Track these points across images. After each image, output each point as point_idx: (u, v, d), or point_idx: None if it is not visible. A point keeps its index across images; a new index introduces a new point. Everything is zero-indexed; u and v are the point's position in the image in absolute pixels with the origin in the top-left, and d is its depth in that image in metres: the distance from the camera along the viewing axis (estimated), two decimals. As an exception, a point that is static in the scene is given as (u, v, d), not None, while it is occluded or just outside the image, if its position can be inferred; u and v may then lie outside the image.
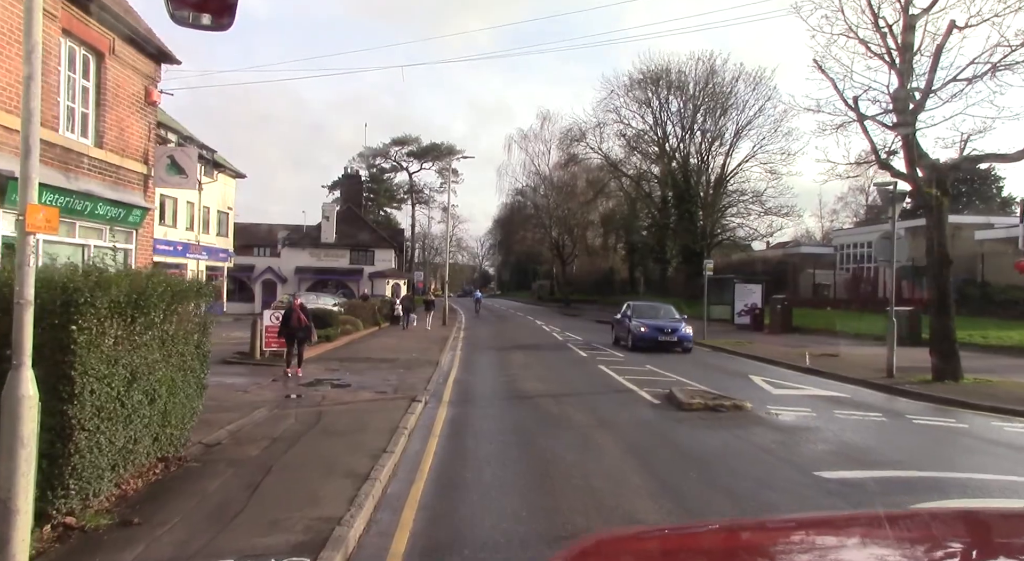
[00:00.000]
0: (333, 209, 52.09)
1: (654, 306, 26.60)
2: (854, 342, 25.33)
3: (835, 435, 9.79)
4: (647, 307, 26.17)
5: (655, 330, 22.91)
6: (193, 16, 3.16)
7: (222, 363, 17.08)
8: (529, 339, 29.19)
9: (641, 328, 23.03)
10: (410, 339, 26.47)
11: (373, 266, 52.15)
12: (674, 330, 22.89)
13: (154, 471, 7.28)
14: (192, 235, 35.79)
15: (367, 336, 27.34)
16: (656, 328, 23.03)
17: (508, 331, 34.56)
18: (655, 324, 23.39)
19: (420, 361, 18.60)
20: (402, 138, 66.45)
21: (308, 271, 50.89)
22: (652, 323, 23.47)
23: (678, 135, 51.54)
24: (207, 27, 3.26)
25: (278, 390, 13.32)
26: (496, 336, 30.95)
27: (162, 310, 7.08)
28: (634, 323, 23.52)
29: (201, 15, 3.18)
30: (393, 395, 13.03)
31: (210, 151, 37.96)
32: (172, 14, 3.14)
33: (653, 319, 24.03)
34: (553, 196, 71.61)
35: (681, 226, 50.27)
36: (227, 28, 3.26)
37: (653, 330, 22.89)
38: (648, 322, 23.52)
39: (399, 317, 36.10)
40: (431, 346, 23.24)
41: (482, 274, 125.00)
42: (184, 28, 3.30)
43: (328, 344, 21.67)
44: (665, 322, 23.69)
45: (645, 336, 22.69)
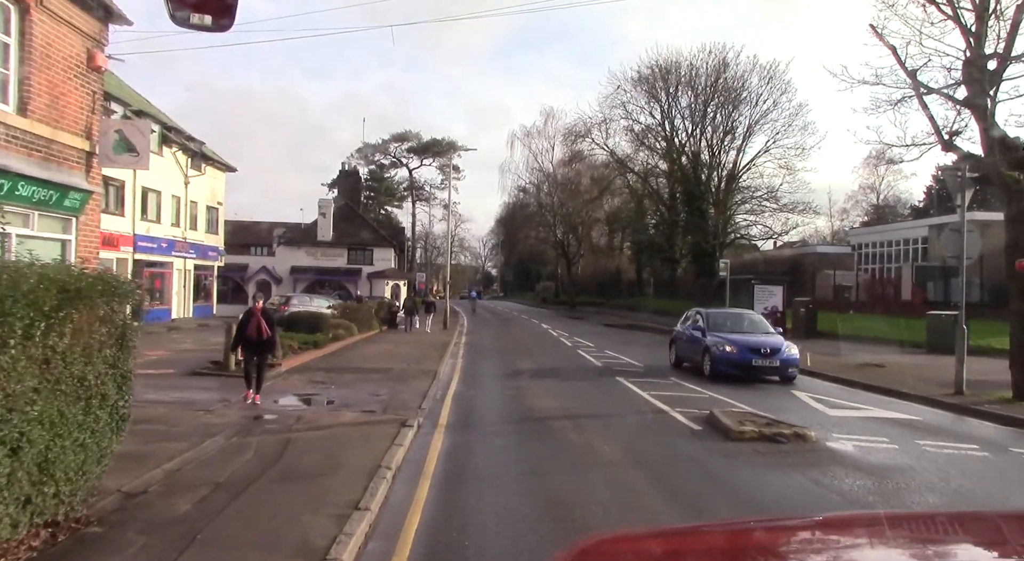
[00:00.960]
0: (330, 206, 50.01)
1: (736, 314, 19.67)
2: (892, 350, 23.22)
3: (939, 479, 7.68)
4: (727, 316, 19.18)
5: (747, 350, 15.83)
6: (193, 17, 3.06)
7: (191, 375, 15.06)
8: (534, 344, 27.11)
9: (726, 347, 16.12)
10: (407, 345, 24.40)
11: (372, 266, 50.12)
12: (774, 351, 15.88)
13: (29, 545, 5.20)
14: (178, 231, 33.76)
15: (361, 342, 25.27)
16: (749, 348, 15.90)
17: (513, 335, 32.48)
18: (746, 341, 16.19)
19: (416, 372, 16.52)
20: (402, 134, 64.39)
21: (304, 271, 48.87)
22: (741, 340, 16.31)
23: (688, 130, 49.41)
24: (207, 28, 3.15)
25: (246, 410, 11.24)
26: (500, 341, 28.87)
27: (40, 318, 5.00)
28: (713, 339, 16.59)
29: (201, 16, 3.08)
30: (380, 416, 10.96)
31: (198, 143, 35.95)
32: (172, 14, 3.04)
33: (741, 333, 16.90)
34: (557, 194, 69.53)
35: (692, 224, 48.11)
36: (227, 29, 3.19)
37: (744, 351, 15.84)
38: (735, 338, 16.40)
39: (398, 320, 34.08)
40: (429, 353, 21.17)
41: (485, 275, 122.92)
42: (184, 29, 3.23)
43: (316, 351, 19.61)
44: (759, 338, 16.58)
45: (732, 359, 15.92)
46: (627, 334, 33.34)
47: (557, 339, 29.28)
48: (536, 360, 20.54)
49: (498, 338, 30.64)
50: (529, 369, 18.09)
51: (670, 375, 16.79)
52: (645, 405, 12.58)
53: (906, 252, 44.27)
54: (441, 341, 26.09)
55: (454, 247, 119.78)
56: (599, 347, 24.44)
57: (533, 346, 26.17)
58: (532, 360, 20.47)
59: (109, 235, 27.26)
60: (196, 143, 35.73)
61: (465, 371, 17.61)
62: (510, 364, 19.35)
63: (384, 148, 64.71)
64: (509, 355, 22.04)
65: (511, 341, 28.81)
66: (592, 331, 34.68)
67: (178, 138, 33.42)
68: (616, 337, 31.06)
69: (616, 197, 66.93)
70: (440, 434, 9.87)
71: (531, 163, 71.90)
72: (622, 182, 62.31)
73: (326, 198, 50.22)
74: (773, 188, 46.06)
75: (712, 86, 47.50)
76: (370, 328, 29.78)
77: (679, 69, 48.65)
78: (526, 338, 30.55)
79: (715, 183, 48.50)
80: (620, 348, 23.88)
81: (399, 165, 65.55)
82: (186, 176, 34.33)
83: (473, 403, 12.86)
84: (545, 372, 17.61)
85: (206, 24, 3.13)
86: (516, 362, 19.81)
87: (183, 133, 34.69)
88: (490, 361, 20.31)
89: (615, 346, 24.93)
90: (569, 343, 26.90)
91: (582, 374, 17.42)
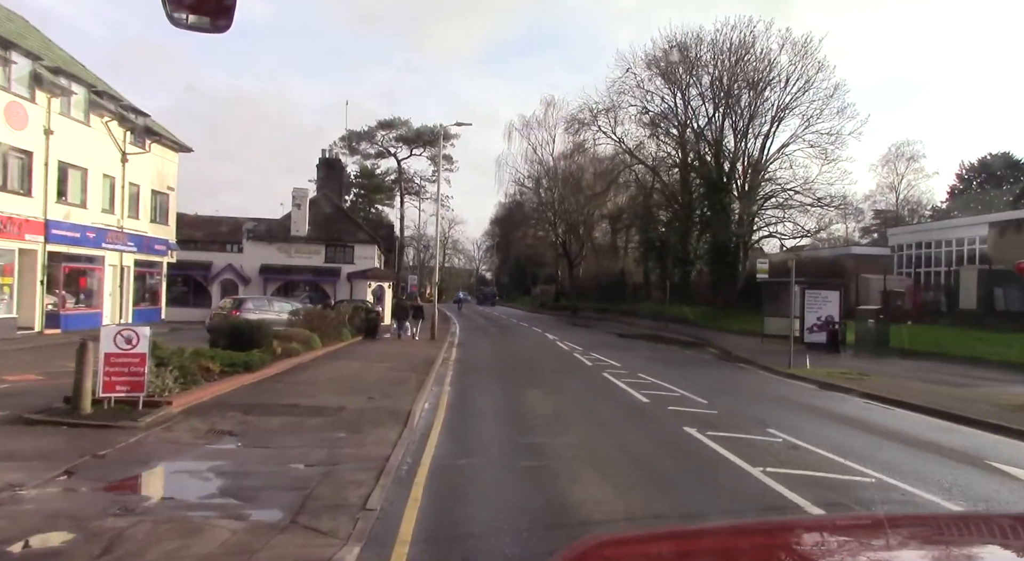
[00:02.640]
0: (305, 196, 44.22)
1: None
2: (1012, 374, 17.85)
3: None
4: None
5: None
6: (190, 18, 2.82)
7: (18, 423, 9.45)
8: (543, 362, 21.58)
9: None
10: (381, 362, 18.84)
11: (353, 265, 44.39)
12: None
13: None
14: (112, 219, 28.07)
15: (322, 358, 19.66)
16: None
17: (514, 348, 26.93)
18: None
19: (379, 412, 10.97)
20: (390, 121, 58.60)
21: (275, 270, 43.15)
22: None
23: (708, 113, 43.93)
24: (204, 29, 2.90)
25: (68, 501, 5.74)
26: (500, 357, 23.32)
27: None
28: None
29: (198, 17, 2.84)
30: (284, 526, 5.54)
31: (141, 114, 30.33)
32: (169, 16, 2.80)
33: None
34: (558, 189, 64.17)
35: (714, 219, 42.58)
36: (225, 30, 2.93)
37: None
38: None
39: (375, 328, 28.56)
40: (407, 376, 15.62)
41: (479, 278, 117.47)
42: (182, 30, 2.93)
43: (246, 376, 14.03)
44: None
45: None
46: (652, 348, 27.83)
47: (570, 354, 23.71)
48: (553, 390, 14.98)
49: (496, 352, 25.08)
50: (547, 408, 12.52)
51: (765, 426, 11.23)
52: (782, 501, 7.02)
53: (959, 254, 38.94)
54: (426, 356, 20.54)
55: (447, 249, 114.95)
56: (629, 368, 18.90)
57: (543, 365, 20.62)
58: (547, 390, 14.90)
59: (7, 219, 21.62)
60: (139, 115, 30.08)
61: (453, 411, 12.06)
62: (518, 398, 13.76)
63: (370, 136, 58.95)
64: (514, 381, 16.48)
65: (513, 357, 23.24)
66: (607, 343, 29.17)
67: (112, 105, 27.76)
68: (640, 351, 25.57)
69: (622, 194, 61.61)
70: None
71: (530, 155, 66.68)
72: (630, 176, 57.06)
73: (301, 187, 44.62)
74: (808, 179, 40.64)
75: (737, 64, 42.14)
76: (340, 339, 24.21)
77: (700, 46, 43.33)
78: (531, 352, 24.99)
79: (739, 174, 43.07)
80: (658, 370, 18.34)
81: (386, 155, 59.77)
82: (123, 153, 28.67)
83: (463, 491, 7.30)
84: (571, 414, 12.06)
85: (204, 25, 2.88)
86: (526, 394, 14.24)
87: (121, 101, 29.04)
88: (489, 392, 14.71)
89: (649, 367, 19.40)
90: (587, 361, 21.32)
91: (627, 418, 11.89)
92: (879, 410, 13.26)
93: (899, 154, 75.83)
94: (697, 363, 22.75)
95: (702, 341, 31.66)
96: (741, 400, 14.04)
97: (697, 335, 35.06)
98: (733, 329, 36.45)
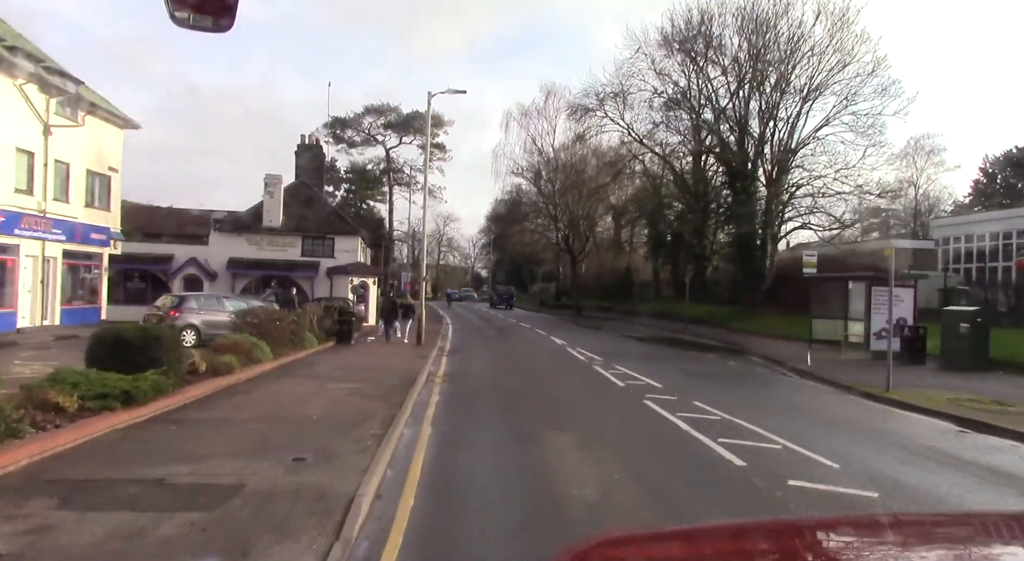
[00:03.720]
0: (279, 182, 39.23)
1: None
2: None
3: None
4: None
5: None
6: (193, 17, 2.83)
7: None
8: (560, 380, 16.82)
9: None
10: (344, 380, 14.05)
11: (333, 259, 39.52)
12: None
13: None
14: (31, 201, 23.18)
15: (262, 377, 14.83)
16: None
17: (518, 357, 22.17)
18: None
19: (300, 499, 6.13)
20: (378, 107, 53.56)
21: (244, 264, 38.24)
22: None
23: (731, 88, 39.08)
24: (207, 28, 2.91)
25: None
26: (502, 372, 18.52)
27: None
28: None
29: (201, 16, 2.84)
30: None
31: (73, 81, 25.38)
32: (172, 15, 2.79)
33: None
34: (560, 180, 59.36)
35: (740, 210, 37.80)
36: (227, 30, 2.94)
37: None
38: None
39: (350, 331, 23.79)
40: (371, 407, 10.82)
41: (474, 276, 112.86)
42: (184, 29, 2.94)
43: (121, 415, 9.24)
44: None
45: None
46: (684, 357, 23.09)
47: (588, 367, 18.92)
48: (588, 438, 10.05)
49: (497, 365, 20.27)
50: (589, 482, 7.60)
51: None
52: None
53: (1019, 247, 34.31)
54: (406, 371, 15.77)
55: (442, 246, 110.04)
56: (675, 391, 14.11)
57: (561, 387, 15.83)
58: (580, 439, 9.96)
59: None
60: (69, 80, 25.18)
61: (429, 493, 7.20)
62: (539, 456, 8.80)
63: (357, 123, 53.91)
64: (527, 417, 11.60)
65: (520, 373, 18.43)
66: (627, 351, 24.44)
67: (32, 65, 22.85)
68: (674, 362, 20.84)
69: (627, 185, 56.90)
70: None
71: (528, 146, 61.74)
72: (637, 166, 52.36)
73: (274, 173, 39.67)
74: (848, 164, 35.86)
75: (766, 35, 37.37)
76: (301, 346, 19.43)
77: (724, 14, 38.57)
78: (541, 365, 20.19)
79: (767, 159, 38.27)
80: (718, 396, 13.52)
81: (374, 143, 54.70)
82: (46, 124, 23.77)
83: None
84: (635, 502, 7.24)
85: (206, 25, 2.90)
86: (548, 447, 9.33)
87: (44, 62, 24.14)
88: (490, 442, 9.76)
89: (701, 389, 14.63)
90: (614, 378, 16.49)
91: (720, 497, 7.10)
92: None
93: (918, 147, 71.24)
94: (759, 382, 18.01)
95: (735, 346, 26.99)
96: (892, 461, 9.24)
97: (726, 340, 30.35)
98: (763, 331, 31.74)
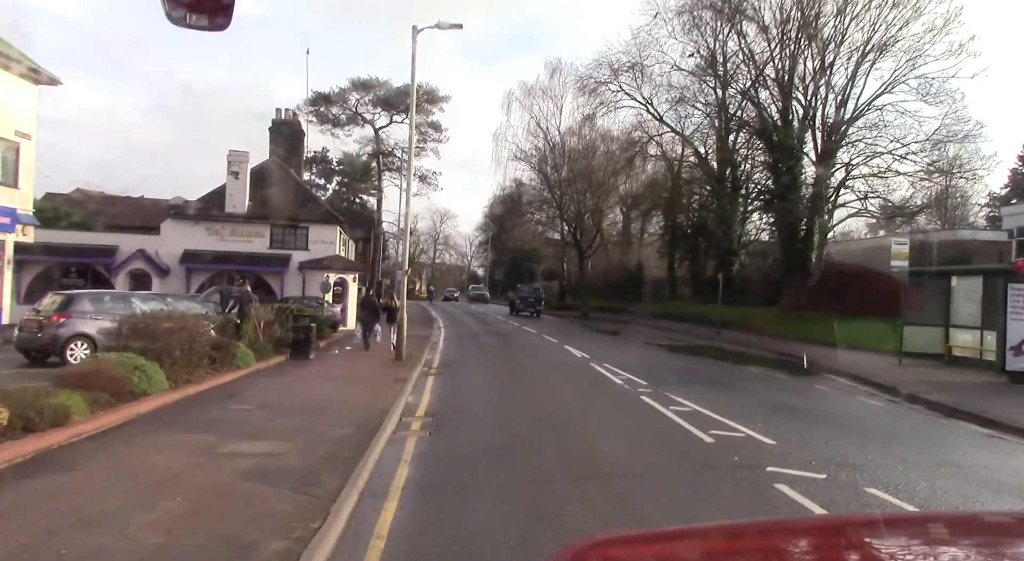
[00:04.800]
0: (244, 161, 33.45)
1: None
2: None
3: None
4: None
5: None
6: (189, 16, 2.82)
7: None
8: (608, 422, 11.20)
9: None
10: (259, 436, 8.43)
11: (307, 251, 33.90)
12: None
13: None
14: None
15: (122, 428, 9.10)
16: None
17: (533, 381, 16.44)
18: None
19: None
20: (365, 81, 47.77)
21: (201, 258, 32.56)
22: None
23: (772, 50, 33.42)
24: (203, 27, 2.90)
25: None
26: (515, 409, 12.75)
27: None
28: None
29: (197, 15, 2.84)
30: None
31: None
32: (168, 14, 2.80)
33: None
34: (567, 167, 53.75)
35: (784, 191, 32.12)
36: (223, 28, 2.95)
37: None
38: None
39: (307, 342, 18.24)
40: (268, 516, 5.19)
41: (471, 275, 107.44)
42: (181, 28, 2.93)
43: None
44: None
45: None
46: (752, 380, 17.46)
47: (637, 400, 13.17)
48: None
49: (503, 392, 14.57)
50: None
51: None
52: None
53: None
54: (369, 409, 10.15)
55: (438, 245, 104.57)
56: (803, 454, 8.48)
57: (609, 439, 10.14)
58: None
59: None
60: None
61: None
62: None
63: (342, 99, 48.16)
64: (573, 520, 6.00)
65: (539, 409, 12.69)
66: (671, 369, 18.86)
67: None
68: (747, 389, 15.25)
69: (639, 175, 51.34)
70: None
71: (532, 128, 56.13)
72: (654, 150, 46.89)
73: (239, 150, 33.80)
74: (928, 136, 30.17)
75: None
76: (231, 365, 13.79)
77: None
78: (566, 395, 14.41)
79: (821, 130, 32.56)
80: (870, 457, 7.92)
81: (360, 122, 48.87)
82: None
83: None
84: None
85: (202, 24, 2.88)
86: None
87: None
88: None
89: (828, 442, 9.01)
90: (689, 425, 10.74)
91: None
92: None
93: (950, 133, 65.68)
94: (903, 426, 12.27)
95: (793, 359, 21.54)
96: None
97: (778, 350, 24.81)
98: (817, 338, 26.09)
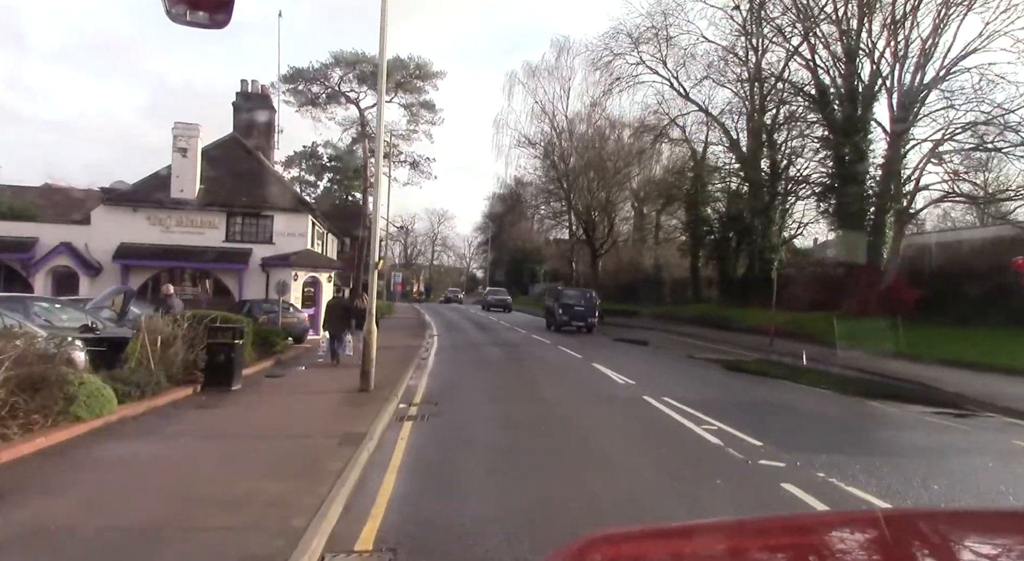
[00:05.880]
0: (195, 135, 27.54)
1: None
2: None
3: None
4: None
5: None
6: (189, 13, 2.77)
7: None
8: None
9: None
10: None
11: (271, 245, 28.01)
12: None
13: None
14: None
15: None
16: None
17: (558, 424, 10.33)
18: None
19: None
20: (348, 56, 42.03)
21: (141, 253, 26.70)
22: None
23: (837, 12, 27.69)
24: (203, 24, 2.85)
25: None
26: (559, 514, 6.81)
27: None
28: None
29: (197, 12, 2.79)
30: None
31: None
32: (168, 11, 2.74)
33: None
34: (576, 156, 48.10)
35: (845, 173, 26.27)
36: (224, 26, 2.88)
37: None
38: None
39: (231, 365, 12.36)
40: None
41: (470, 276, 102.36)
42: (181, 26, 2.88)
43: None
44: None
45: None
46: (882, 423, 11.51)
47: (787, 494, 7.42)
48: None
49: (533, 478, 8.62)
50: None
51: None
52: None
53: None
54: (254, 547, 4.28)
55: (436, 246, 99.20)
56: None
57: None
58: None
59: None
60: None
61: None
62: None
63: (322, 76, 42.36)
64: None
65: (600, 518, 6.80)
66: (757, 403, 12.98)
67: None
68: (889, 441, 9.30)
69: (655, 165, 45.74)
70: None
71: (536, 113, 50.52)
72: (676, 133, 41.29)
73: (187, 122, 27.86)
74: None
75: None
76: (63, 418, 7.94)
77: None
78: (633, 466, 8.55)
79: (893, 90, 26.69)
80: None
81: (342, 101, 43.09)
82: None
83: None
84: None
85: (202, 21, 2.82)
86: None
87: None
88: None
89: None
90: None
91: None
92: None
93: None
94: None
95: (910, 382, 15.83)
96: None
97: (873, 369, 19.04)
98: (914, 355, 20.36)
